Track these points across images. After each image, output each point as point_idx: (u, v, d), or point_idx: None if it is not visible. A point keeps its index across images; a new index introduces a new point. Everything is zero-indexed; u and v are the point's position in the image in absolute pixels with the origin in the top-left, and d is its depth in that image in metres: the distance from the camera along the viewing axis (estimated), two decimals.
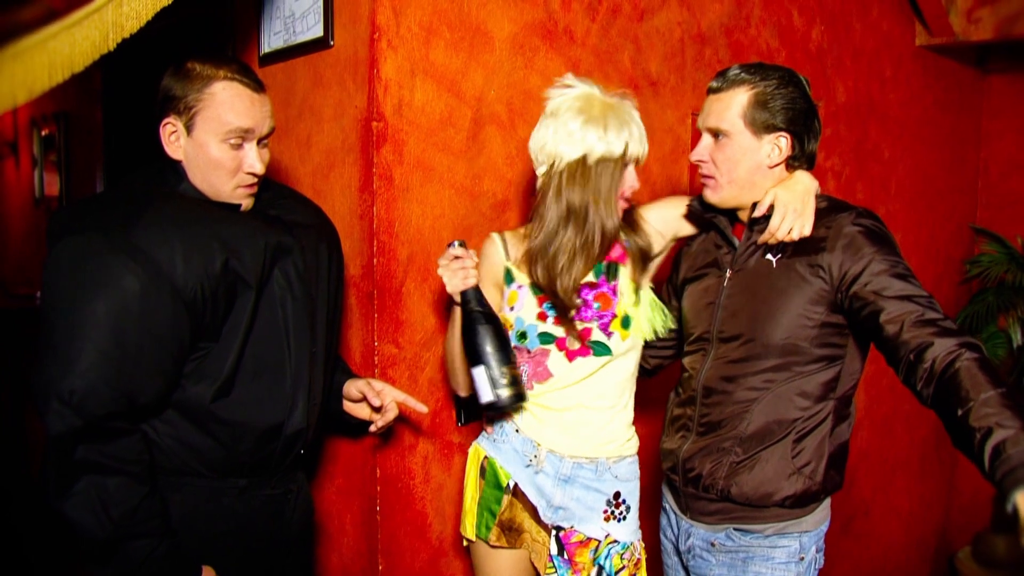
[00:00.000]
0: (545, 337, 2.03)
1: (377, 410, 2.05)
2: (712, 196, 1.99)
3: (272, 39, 2.42)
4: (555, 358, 2.04)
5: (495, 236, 2.14)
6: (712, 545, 2.01)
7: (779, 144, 1.91)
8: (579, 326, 2.01)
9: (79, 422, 1.59)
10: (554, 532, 2.08)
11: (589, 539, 2.08)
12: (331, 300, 1.99)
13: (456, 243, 1.95)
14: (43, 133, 4.66)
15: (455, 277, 1.96)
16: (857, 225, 1.84)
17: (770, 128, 1.90)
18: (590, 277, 2.04)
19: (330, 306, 1.99)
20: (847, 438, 1.98)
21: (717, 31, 3.12)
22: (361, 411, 2.08)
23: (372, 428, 2.07)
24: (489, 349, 1.94)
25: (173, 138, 1.77)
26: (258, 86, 1.81)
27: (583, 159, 1.96)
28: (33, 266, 5.17)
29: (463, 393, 2.18)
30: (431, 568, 2.35)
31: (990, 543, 5.05)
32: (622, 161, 1.98)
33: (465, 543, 2.21)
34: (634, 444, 2.14)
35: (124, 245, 1.63)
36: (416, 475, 2.30)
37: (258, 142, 1.81)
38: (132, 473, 1.66)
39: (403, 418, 2.22)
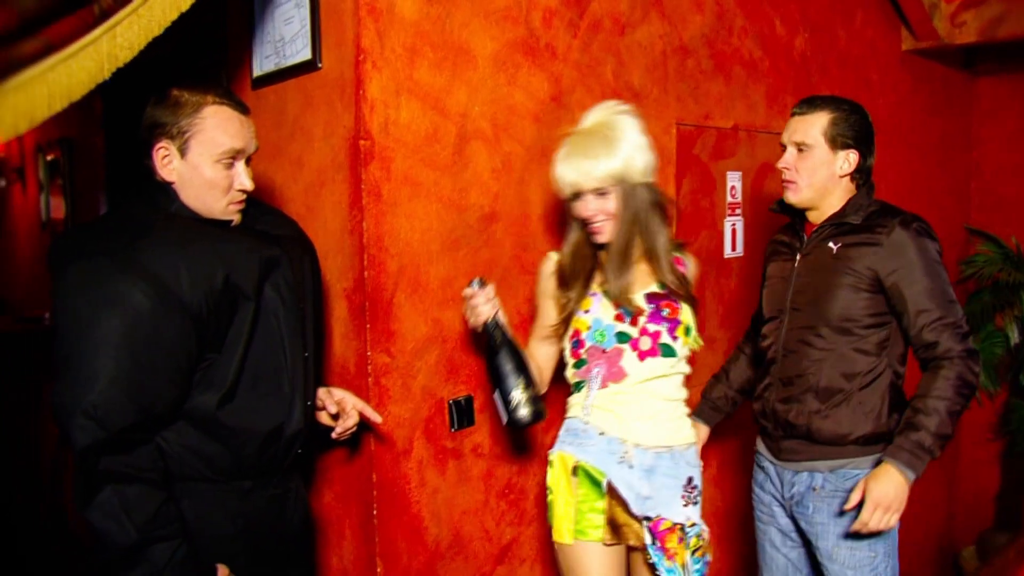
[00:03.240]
0: (622, 336, 2.27)
1: (335, 417, 2.15)
2: (792, 197, 2.45)
3: (264, 62, 2.51)
4: (628, 357, 2.27)
5: (551, 255, 2.39)
6: (813, 490, 2.41)
7: (849, 159, 2.39)
8: (650, 328, 2.27)
9: (103, 434, 1.68)
10: (645, 522, 2.24)
11: (675, 525, 2.26)
12: (315, 308, 2.10)
13: (474, 282, 2.16)
14: (48, 158, 4.76)
15: (469, 315, 2.20)
16: (904, 228, 2.31)
17: (844, 144, 2.39)
18: (654, 288, 2.32)
19: (316, 313, 2.09)
20: (901, 388, 2.43)
21: (699, 42, 3.20)
22: (322, 418, 2.17)
23: (333, 435, 2.17)
24: (506, 372, 2.17)
25: (166, 161, 1.86)
26: (244, 108, 1.92)
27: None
28: (41, 288, 5.26)
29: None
30: (428, 570, 2.42)
31: (994, 542, 5.09)
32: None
33: (558, 546, 2.31)
34: (694, 433, 2.42)
35: (132, 266, 1.72)
36: (411, 480, 2.37)
37: (246, 161, 1.91)
38: (150, 480, 1.75)
39: (396, 425, 2.30)
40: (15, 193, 5.62)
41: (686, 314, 2.33)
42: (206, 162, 1.86)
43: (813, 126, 2.39)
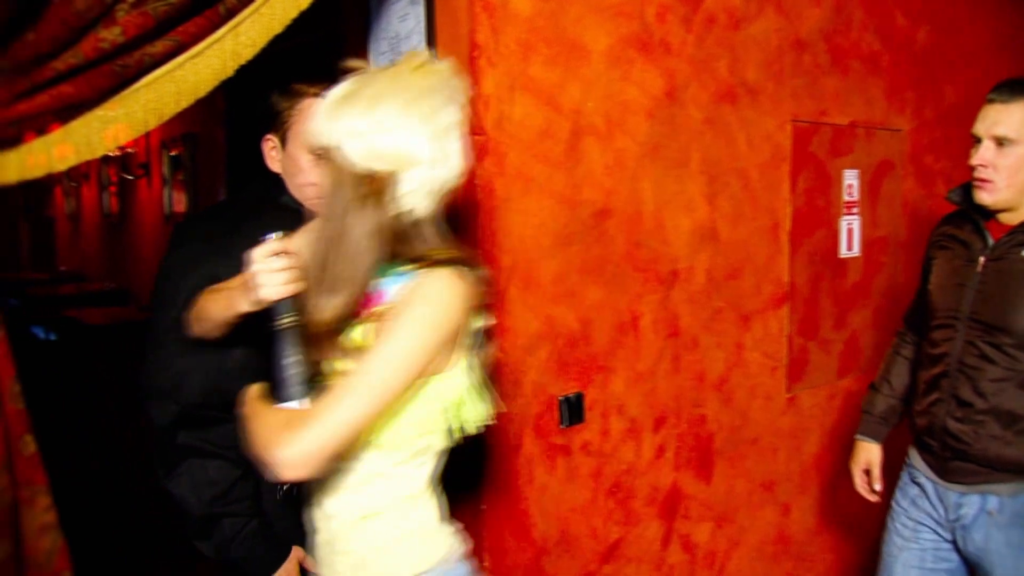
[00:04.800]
0: None
1: None
2: (987, 198, 2.18)
3: (379, 59, 2.54)
4: None
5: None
6: (989, 514, 2.19)
7: None
8: None
9: (177, 409, 1.77)
10: None
11: None
12: None
13: (271, 236, 1.52)
14: (172, 153, 4.92)
15: (258, 283, 1.49)
16: None
17: None
18: None
19: None
20: None
21: (816, 36, 3.12)
22: None
23: None
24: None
25: (273, 153, 1.93)
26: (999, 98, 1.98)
27: None
28: None
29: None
30: (534, 566, 2.42)
31: None
32: None
33: None
34: None
35: (227, 251, 1.76)
36: (521, 476, 2.37)
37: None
38: (228, 457, 1.82)
39: (507, 420, 2.31)
40: (141, 187, 5.84)
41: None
42: (302, 154, 1.90)
43: (1014, 116, 2.11)
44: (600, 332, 2.51)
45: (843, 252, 3.35)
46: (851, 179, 3.36)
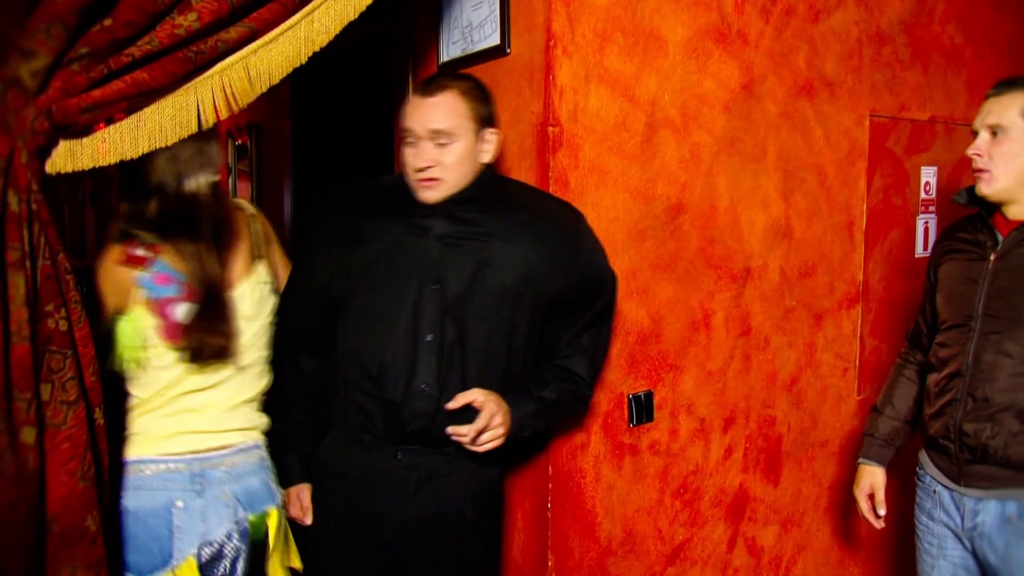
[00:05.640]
0: None
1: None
2: (986, 188, 2.14)
3: (451, 48, 2.51)
4: None
5: None
6: (1008, 521, 2.08)
7: None
8: None
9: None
10: None
11: None
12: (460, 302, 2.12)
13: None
14: (237, 143, 4.95)
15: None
16: None
17: None
18: None
19: (457, 306, 2.09)
20: None
21: (896, 29, 3.02)
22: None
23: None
24: None
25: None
26: (427, 91, 1.99)
27: None
28: None
29: None
30: (599, 566, 2.38)
31: None
32: None
33: None
34: None
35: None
36: (587, 474, 2.33)
37: (435, 142, 1.96)
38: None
39: (575, 418, 2.27)
40: None
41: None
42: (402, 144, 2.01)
43: (1010, 107, 2.10)
44: (671, 329, 2.46)
45: (919, 252, 3.25)
46: (928, 176, 3.26)
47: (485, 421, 1.87)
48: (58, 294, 1.75)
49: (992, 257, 2.17)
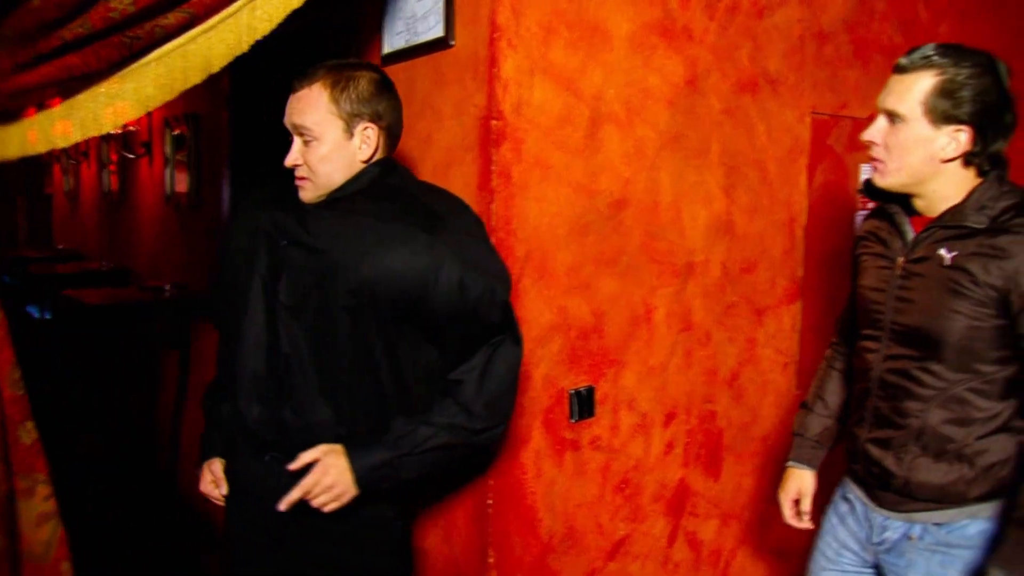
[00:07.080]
0: None
1: None
2: (880, 180, 1.92)
3: (394, 39, 2.48)
4: None
5: None
6: (909, 539, 1.96)
7: (957, 138, 1.81)
8: None
9: None
10: None
11: None
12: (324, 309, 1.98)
13: None
14: (175, 133, 4.86)
15: None
16: None
17: (950, 119, 1.80)
18: None
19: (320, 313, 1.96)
20: None
21: (838, 27, 3.05)
22: None
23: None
24: None
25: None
26: (295, 84, 1.89)
27: None
28: (163, 260, 5.39)
29: None
30: (539, 563, 2.37)
31: None
32: None
33: None
34: None
35: None
36: (528, 470, 2.32)
37: (302, 139, 1.88)
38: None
39: (516, 413, 2.24)
40: (142, 167, 5.77)
41: None
42: None
43: (910, 91, 1.83)
44: (613, 325, 2.45)
45: None
46: (868, 174, 3.29)
47: (302, 491, 1.77)
48: None
49: (900, 261, 1.95)
